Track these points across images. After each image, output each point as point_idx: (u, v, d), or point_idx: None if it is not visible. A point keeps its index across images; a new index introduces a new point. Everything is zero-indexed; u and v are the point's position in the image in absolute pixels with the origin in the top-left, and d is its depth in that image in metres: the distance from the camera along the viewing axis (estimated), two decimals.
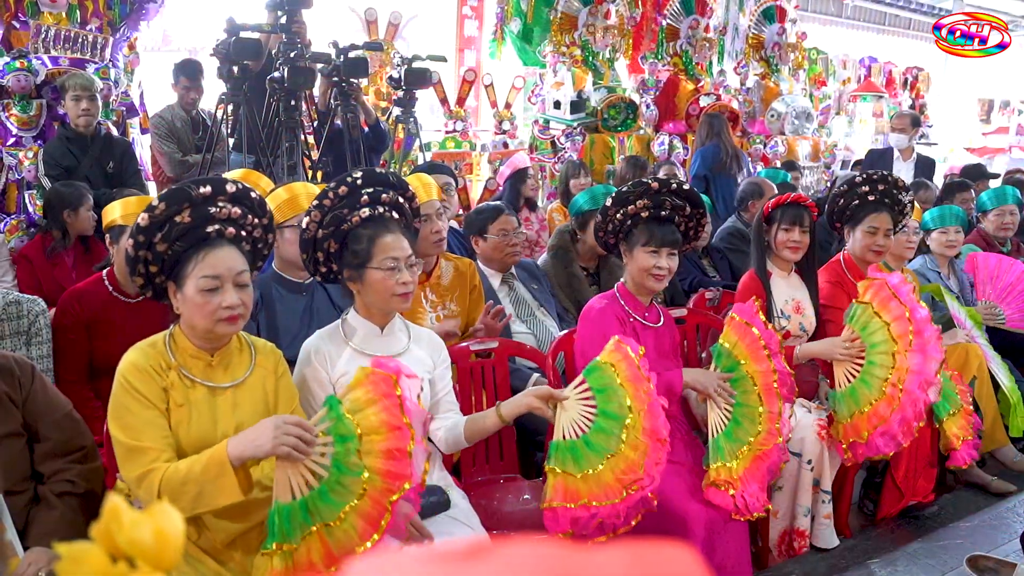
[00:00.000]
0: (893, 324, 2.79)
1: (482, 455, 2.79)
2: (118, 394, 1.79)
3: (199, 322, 1.80)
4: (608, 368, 2.12)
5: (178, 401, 1.82)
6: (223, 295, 1.78)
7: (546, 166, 6.80)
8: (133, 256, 1.78)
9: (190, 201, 1.77)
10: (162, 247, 1.78)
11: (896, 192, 3.27)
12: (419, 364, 2.18)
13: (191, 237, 1.79)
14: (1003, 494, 3.31)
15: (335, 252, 2.14)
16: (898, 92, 11.20)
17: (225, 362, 1.89)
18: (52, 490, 1.95)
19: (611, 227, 2.68)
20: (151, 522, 0.68)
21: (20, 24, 4.62)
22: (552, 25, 7.04)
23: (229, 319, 1.79)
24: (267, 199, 2.74)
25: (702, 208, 2.75)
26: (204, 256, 1.78)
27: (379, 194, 2.14)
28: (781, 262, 3.14)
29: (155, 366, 1.81)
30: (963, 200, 5.24)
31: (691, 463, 2.53)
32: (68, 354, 2.74)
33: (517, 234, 3.41)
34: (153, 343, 1.86)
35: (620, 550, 0.41)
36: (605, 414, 2.07)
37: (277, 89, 4.25)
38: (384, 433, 1.72)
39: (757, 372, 2.52)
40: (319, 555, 1.68)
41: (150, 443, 1.74)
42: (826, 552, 2.85)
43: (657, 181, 2.64)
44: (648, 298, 2.69)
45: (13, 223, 4.43)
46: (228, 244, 1.83)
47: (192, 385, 1.84)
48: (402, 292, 2.08)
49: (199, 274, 1.77)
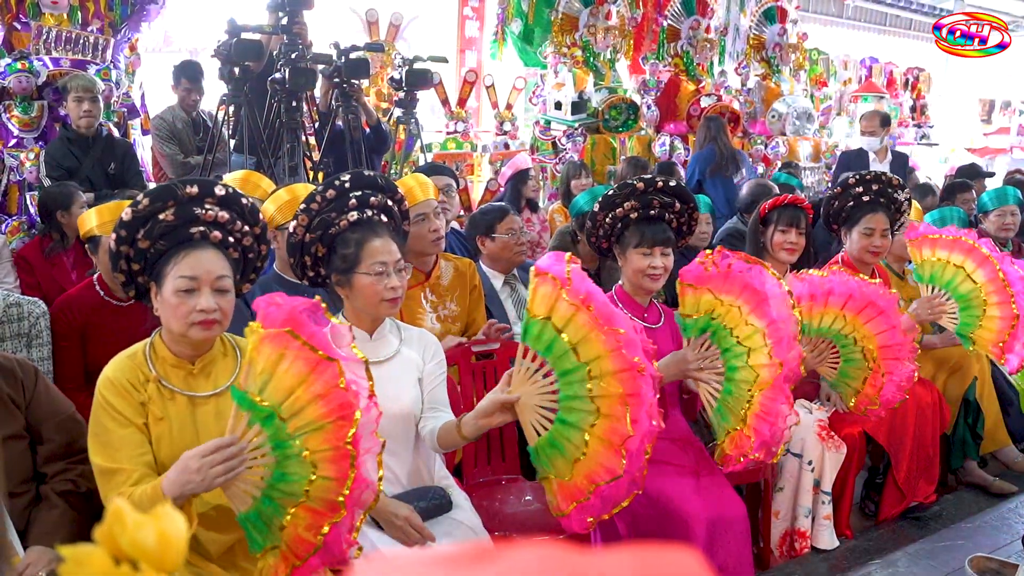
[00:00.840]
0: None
1: (484, 456, 2.79)
2: (96, 412, 1.75)
3: (173, 325, 1.76)
4: (542, 322, 1.84)
5: (157, 415, 1.77)
6: (199, 298, 1.73)
7: (547, 167, 6.80)
8: (115, 251, 1.76)
9: (175, 199, 1.74)
10: (144, 244, 1.75)
11: (891, 191, 3.26)
12: (409, 365, 2.15)
13: (174, 236, 1.76)
14: (1005, 495, 3.31)
15: (323, 256, 2.12)
16: (899, 92, 11.20)
17: (207, 370, 1.84)
18: (54, 489, 1.95)
19: (602, 232, 2.65)
20: (154, 524, 0.68)
21: (21, 25, 4.62)
22: (553, 26, 7.04)
23: (203, 323, 1.74)
24: (268, 200, 2.76)
25: (692, 203, 2.68)
26: (184, 256, 1.74)
27: (367, 197, 2.12)
28: (777, 264, 3.12)
29: (132, 380, 1.77)
30: (964, 201, 5.24)
31: (692, 464, 2.53)
32: (65, 361, 2.75)
33: (523, 234, 3.44)
34: (133, 354, 1.82)
35: (626, 554, 0.41)
36: (565, 376, 1.83)
37: (278, 90, 4.26)
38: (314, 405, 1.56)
39: (724, 311, 2.32)
40: (304, 526, 1.59)
41: (124, 464, 1.70)
42: (827, 553, 2.85)
43: (642, 181, 2.59)
44: (647, 298, 2.67)
45: (14, 224, 4.43)
46: (212, 247, 1.78)
47: (172, 397, 1.80)
48: (391, 297, 2.05)
49: (177, 274, 1.73)
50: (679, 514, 2.34)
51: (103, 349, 2.56)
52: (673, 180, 2.66)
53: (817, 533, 2.87)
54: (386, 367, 2.11)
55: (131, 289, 1.82)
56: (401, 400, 2.10)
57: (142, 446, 1.75)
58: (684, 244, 2.85)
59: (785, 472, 2.88)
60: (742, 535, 2.42)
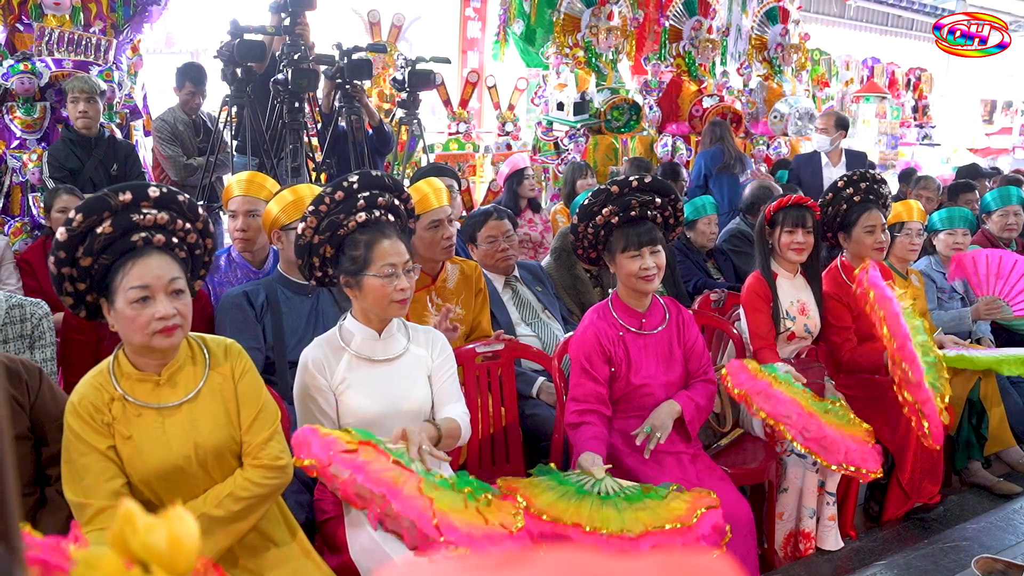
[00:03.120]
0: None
1: (488, 457, 2.79)
2: (65, 442, 1.72)
3: (134, 337, 1.71)
4: None
5: (124, 434, 1.73)
6: (155, 305, 1.69)
7: (549, 168, 6.80)
8: (56, 274, 1.68)
9: (109, 209, 1.68)
10: (86, 261, 1.68)
11: (877, 187, 3.27)
12: (418, 362, 2.17)
13: (116, 248, 1.69)
14: (1009, 495, 3.30)
15: (331, 257, 2.12)
16: (901, 93, 11.20)
17: (174, 379, 1.80)
18: (59, 491, 1.94)
19: (587, 243, 2.60)
20: (166, 528, 0.68)
21: (24, 27, 4.62)
22: (555, 26, 7.03)
23: (164, 331, 1.70)
24: (272, 202, 2.76)
25: (672, 194, 2.60)
26: (131, 267, 1.69)
27: (375, 198, 2.12)
28: (786, 264, 3.12)
29: (96, 402, 1.73)
30: (967, 201, 5.23)
31: (691, 453, 2.53)
32: (75, 355, 2.75)
33: (507, 238, 3.30)
34: (100, 371, 1.78)
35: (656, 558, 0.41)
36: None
37: (281, 91, 4.26)
38: None
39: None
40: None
41: (91, 497, 1.68)
42: (831, 554, 2.85)
43: (616, 183, 2.54)
44: (644, 301, 2.60)
45: (17, 225, 4.44)
46: (157, 252, 1.73)
47: (139, 413, 1.75)
48: (400, 299, 2.06)
49: (127, 285, 1.68)
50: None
51: (116, 342, 2.57)
52: (648, 176, 2.58)
53: (822, 534, 2.87)
54: (395, 365, 2.13)
55: (81, 310, 1.75)
56: (411, 397, 2.12)
57: (110, 469, 1.71)
58: (675, 237, 2.74)
59: (789, 473, 2.88)
60: (747, 536, 2.42)
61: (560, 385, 2.85)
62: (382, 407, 2.08)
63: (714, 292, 3.80)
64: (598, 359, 2.50)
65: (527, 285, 3.44)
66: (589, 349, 2.52)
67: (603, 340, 2.52)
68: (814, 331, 3.13)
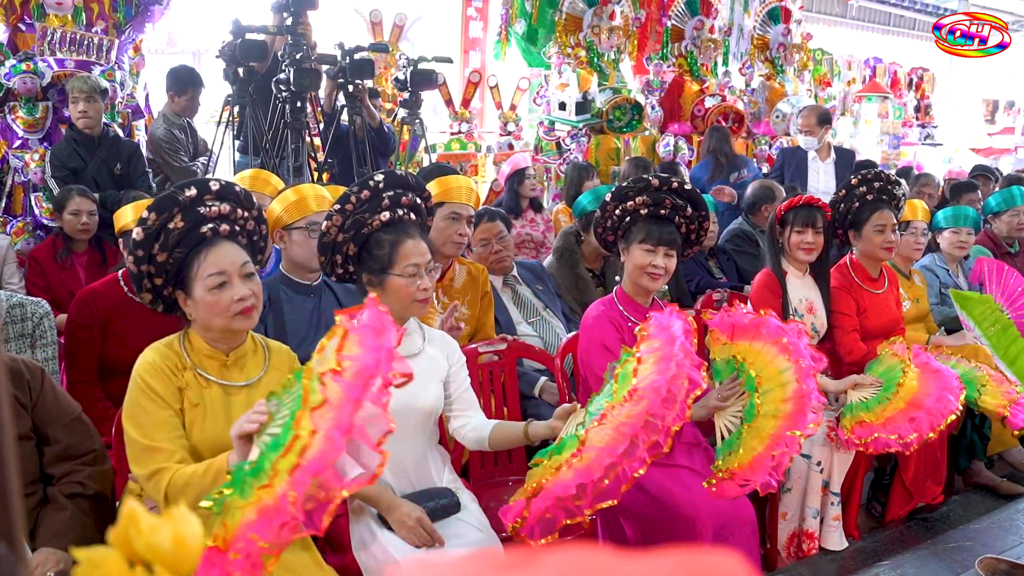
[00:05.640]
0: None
1: (490, 457, 2.78)
2: (134, 393, 1.80)
3: (216, 321, 1.81)
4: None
5: (193, 401, 1.83)
6: (233, 289, 1.80)
7: (551, 167, 6.79)
8: (136, 272, 1.80)
9: (178, 205, 1.78)
10: (162, 257, 1.79)
11: (890, 187, 3.27)
12: (435, 365, 2.18)
13: (188, 241, 1.80)
14: (1013, 496, 3.30)
15: (353, 255, 2.14)
16: (903, 92, 11.19)
17: (240, 363, 1.91)
18: (62, 491, 1.95)
19: (610, 223, 2.61)
20: (170, 527, 0.67)
21: (26, 27, 4.62)
22: (557, 26, 7.02)
23: (243, 312, 1.81)
24: (275, 201, 2.75)
25: (704, 210, 2.64)
26: (206, 256, 1.80)
27: (399, 197, 2.14)
28: (796, 263, 3.14)
29: (171, 366, 1.82)
30: (969, 201, 5.23)
31: (701, 465, 2.52)
32: (80, 353, 2.74)
33: (500, 240, 3.28)
34: (169, 343, 1.87)
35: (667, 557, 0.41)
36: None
37: (283, 91, 4.26)
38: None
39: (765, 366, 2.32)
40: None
41: (162, 443, 1.75)
42: (835, 554, 2.84)
43: (658, 178, 2.56)
44: (647, 299, 2.61)
45: (19, 225, 4.44)
46: (225, 240, 1.84)
47: (207, 385, 1.86)
48: (422, 298, 2.09)
49: (205, 273, 1.79)
50: (686, 515, 2.33)
51: (121, 346, 2.58)
52: (688, 184, 2.62)
53: (826, 534, 2.87)
54: (411, 363, 2.12)
55: (159, 305, 1.86)
56: (423, 396, 2.12)
57: (178, 429, 1.80)
58: (690, 255, 2.77)
59: (793, 473, 2.87)
60: (750, 536, 2.41)
61: (563, 385, 2.84)
62: (394, 403, 2.07)
63: (716, 292, 3.80)
64: (613, 339, 2.48)
65: (527, 284, 3.44)
66: (604, 330, 2.52)
67: (615, 324, 2.54)
68: (820, 330, 3.14)
